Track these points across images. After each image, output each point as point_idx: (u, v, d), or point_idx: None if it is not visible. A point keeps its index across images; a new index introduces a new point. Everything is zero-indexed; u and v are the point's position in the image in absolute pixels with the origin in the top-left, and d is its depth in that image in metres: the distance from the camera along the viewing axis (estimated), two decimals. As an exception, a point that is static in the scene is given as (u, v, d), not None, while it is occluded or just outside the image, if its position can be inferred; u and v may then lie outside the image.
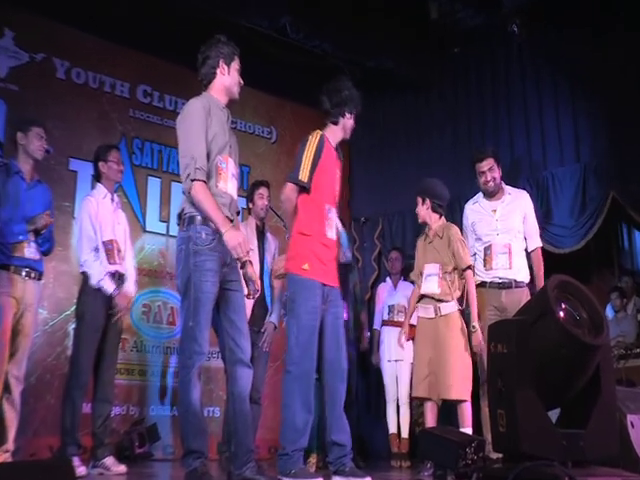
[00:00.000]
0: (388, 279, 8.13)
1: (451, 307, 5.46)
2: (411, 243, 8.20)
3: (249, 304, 5.07)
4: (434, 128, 9.22)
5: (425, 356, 5.46)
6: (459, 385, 5.33)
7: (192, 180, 3.86)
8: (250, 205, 6.25)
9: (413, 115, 9.49)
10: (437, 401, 5.47)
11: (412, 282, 6.23)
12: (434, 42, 8.73)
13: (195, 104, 4.04)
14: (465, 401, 5.38)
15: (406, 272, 7.36)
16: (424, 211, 5.59)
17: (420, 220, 5.65)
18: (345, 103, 4.59)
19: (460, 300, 5.48)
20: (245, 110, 9.02)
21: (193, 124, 3.95)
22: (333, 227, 4.48)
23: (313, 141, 4.45)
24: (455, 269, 5.51)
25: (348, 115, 4.61)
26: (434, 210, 5.59)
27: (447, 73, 9.11)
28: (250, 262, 4.14)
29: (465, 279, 5.47)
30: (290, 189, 4.42)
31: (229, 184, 4.10)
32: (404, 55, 8.69)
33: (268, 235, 6.12)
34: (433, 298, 5.47)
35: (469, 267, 5.48)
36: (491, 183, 5.72)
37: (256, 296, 4.27)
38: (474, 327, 5.35)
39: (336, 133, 4.62)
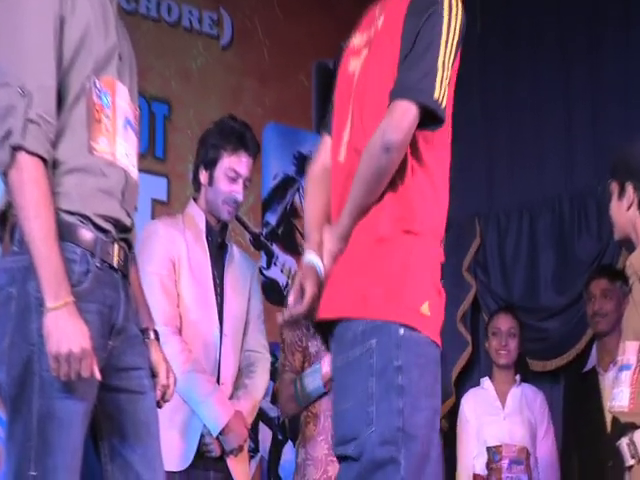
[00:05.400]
0: (486, 381, 4.97)
1: None
2: (547, 288, 5.13)
3: None
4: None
5: None
6: None
7: (14, 148, 2.11)
8: (203, 182, 3.50)
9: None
10: None
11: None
12: None
13: None
14: None
15: (525, 364, 5.12)
16: (623, 214, 3.06)
17: (616, 235, 3.16)
18: None
19: None
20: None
21: (29, 6, 2.21)
22: None
23: (455, 12, 2.28)
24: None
25: None
26: None
27: None
28: (156, 334, 2.45)
29: None
30: (412, 121, 2.20)
31: (119, 142, 2.30)
32: None
33: (234, 250, 3.61)
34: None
35: None
36: None
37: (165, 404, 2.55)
38: None
39: None
